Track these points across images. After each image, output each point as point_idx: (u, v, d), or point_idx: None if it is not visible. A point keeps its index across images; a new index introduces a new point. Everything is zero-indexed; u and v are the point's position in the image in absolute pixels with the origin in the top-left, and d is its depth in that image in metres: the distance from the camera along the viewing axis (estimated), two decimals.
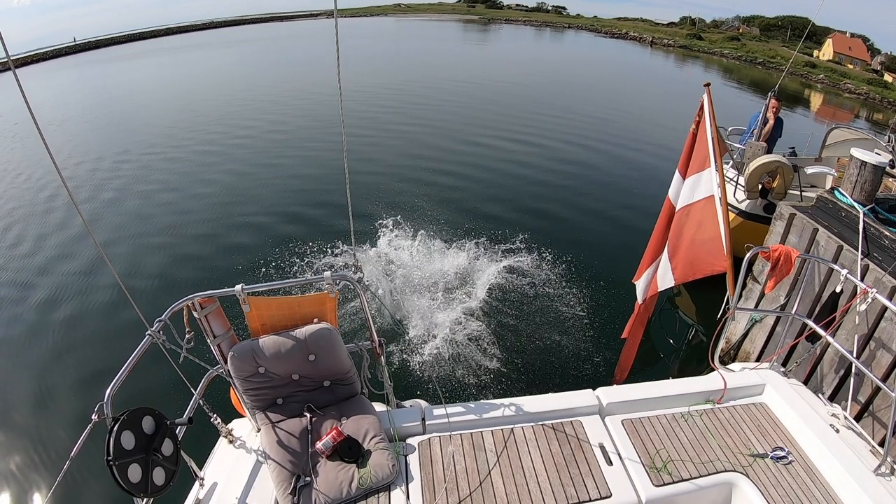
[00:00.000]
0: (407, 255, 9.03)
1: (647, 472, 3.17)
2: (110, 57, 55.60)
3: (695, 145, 5.03)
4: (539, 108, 23.82)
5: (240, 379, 3.22)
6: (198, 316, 3.06)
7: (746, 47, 64.80)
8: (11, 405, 6.84)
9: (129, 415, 2.49)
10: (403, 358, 7.05)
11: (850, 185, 5.57)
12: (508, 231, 10.19)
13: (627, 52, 58.70)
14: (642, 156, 17.14)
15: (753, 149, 8.30)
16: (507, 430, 3.42)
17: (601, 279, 8.88)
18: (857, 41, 65.63)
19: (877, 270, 4.94)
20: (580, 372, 6.96)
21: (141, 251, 10.62)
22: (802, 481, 3.17)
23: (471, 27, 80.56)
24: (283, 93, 26.90)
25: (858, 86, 46.17)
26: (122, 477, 2.34)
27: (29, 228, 12.16)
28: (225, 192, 13.65)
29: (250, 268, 9.36)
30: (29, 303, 9.08)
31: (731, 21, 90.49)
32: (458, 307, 7.92)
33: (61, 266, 10.29)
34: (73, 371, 7.31)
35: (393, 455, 3.14)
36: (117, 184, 14.78)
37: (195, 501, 3.01)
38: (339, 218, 11.08)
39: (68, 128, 22.12)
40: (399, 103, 23.66)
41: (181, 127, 21.09)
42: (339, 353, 3.37)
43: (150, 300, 8.46)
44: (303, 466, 3.07)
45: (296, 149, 17.21)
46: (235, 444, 3.35)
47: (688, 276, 4.96)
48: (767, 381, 3.89)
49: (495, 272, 8.66)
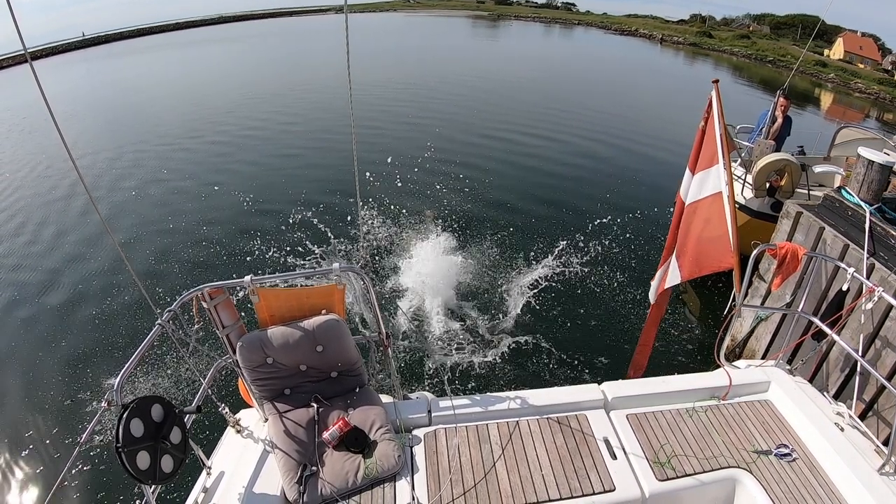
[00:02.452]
0: (414, 247, 9.06)
1: (650, 467, 3.18)
2: (120, 51, 55.80)
3: (703, 142, 5.02)
4: (550, 103, 23.79)
5: (248, 369, 3.26)
6: (207, 306, 3.09)
7: (756, 45, 64.29)
8: (24, 390, 6.96)
9: (138, 403, 2.52)
10: (410, 351, 7.10)
11: (856, 185, 5.55)
12: (517, 225, 10.22)
13: (637, 50, 58.41)
14: (653, 150, 17.17)
15: (761, 147, 8.27)
16: (512, 423, 3.44)
17: (609, 274, 8.91)
18: (867, 40, 65.05)
19: (882, 269, 4.93)
20: (586, 366, 6.98)
21: (152, 242, 10.73)
22: (806, 479, 3.17)
23: (480, 23, 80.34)
24: (294, 86, 26.96)
25: (869, 85, 45.73)
26: (131, 463, 2.37)
27: (43, 221, 12.34)
28: (236, 184, 13.74)
29: (260, 259, 9.45)
30: (43, 292, 9.24)
31: (741, 19, 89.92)
32: (465, 301, 7.95)
33: (74, 257, 10.44)
34: (84, 359, 7.43)
35: (399, 446, 3.17)
36: (129, 177, 14.92)
37: (203, 489, 3.04)
38: (349, 210, 11.13)
39: (79, 122, 22.22)
40: (413, 97, 23.69)
41: (192, 120, 21.23)
42: (346, 344, 3.39)
43: (161, 291, 8.56)
44: (309, 456, 3.10)
45: (307, 142, 17.30)
46: (243, 434, 3.38)
47: (694, 273, 4.95)
48: (772, 378, 3.88)
49: (502, 267, 8.69)
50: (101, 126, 21.79)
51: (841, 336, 4.38)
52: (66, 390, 6.86)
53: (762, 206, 8.20)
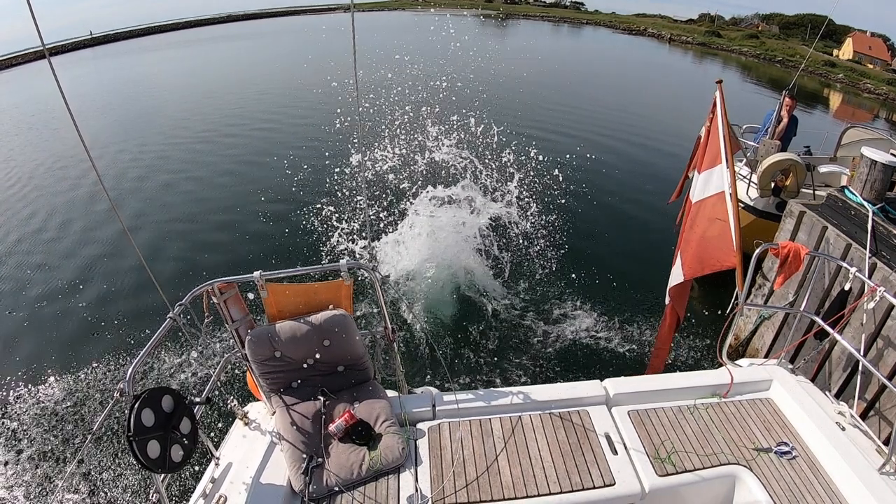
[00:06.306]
0: (420, 243, 9.05)
1: (651, 463, 3.21)
2: (128, 49, 55.88)
3: (708, 142, 5.06)
4: (562, 99, 23.78)
5: (256, 363, 3.32)
6: (217, 301, 3.16)
7: (765, 45, 63.85)
8: (38, 380, 7.07)
9: (149, 393, 2.58)
10: (416, 346, 7.15)
11: (860, 184, 5.56)
12: (523, 221, 10.21)
13: (645, 49, 58.11)
14: (662, 145, 17.18)
15: (767, 147, 8.27)
16: (514, 418, 3.48)
17: (613, 271, 8.94)
18: (877, 41, 64.52)
19: (885, 269, 4.95)
20: (588, 363, 7.02)
21: (164, 237, 10.88)
22: (806, 477, 3.19)
23: (488, 23, 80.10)
24: (303, 86, 26.93)
25: (878, 86, 45.33)
26: (142, 452, 2.42)
27: (55, 215, 12.53)
28: (245, 180, 13.87)
29: (268, 255, 9.55)
30: (57, 284, 9.41)
31: (750, 18, 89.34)
32: (470, 296, 7.99)
33: (87, 250, 10.60)
34: (98, 350, 7.55)
35: (403, 439, 3.22)
36: (141, 172, 15.09)
37: (211, 479, 3.10)
38: (356, 207, 11.16)
39: (89, 118, 22.32)
40: (425, 95, 23.68)
41: (201, 117, 21.36)
42: (352, 338, 3.45)
43: (172, 284, 8.63)
44: (315, 448, 3.16)
45: (316, 139, 17.27)
46: (251, 426, 3.44)
47: (697, 272, 4.98)
48: (774, 377, 3.90)
49: (506, 262, 8.73)
50: (113, 122, 21.92)
51: (843, 335, 4.39)
52: (79, 380, 6.99)
53: (767, 206, 8.20)
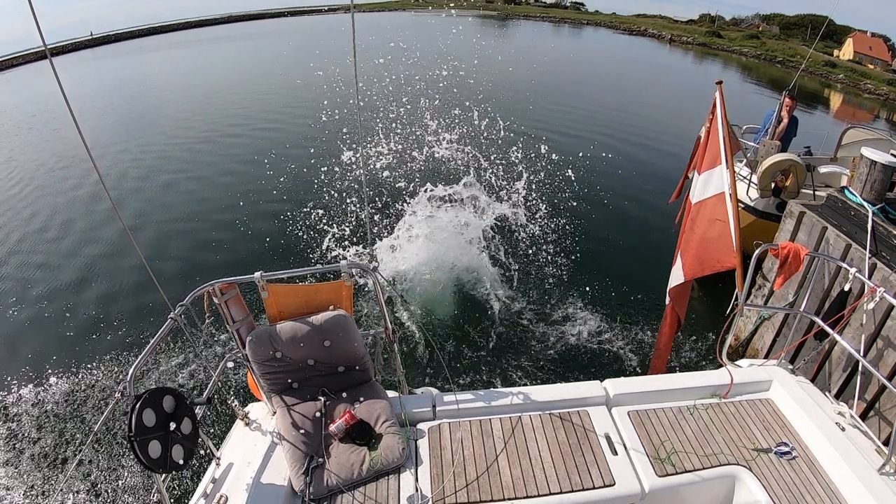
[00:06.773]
0: (421, 244, 9.05)
1: (651, 463, 3.22)
2: (129, 49, 55.82)
3: (708, 142, 5.07)
4: (562, 99, 23.77)
5: (257, 363, 3.32)
6: (218, 301, 3.16)
7: (766, 45, 63.76)
8: (39, 380, 7.08)
9: (150, 393, 2.59)
10: (416, 346, 7.15)
11: (860, 185, 5.57)
12: (524, 222, 10.21)
13: (646, 49, 58.05)
14: (662, 145, 17.18)
15: (767, 147, 8.27)
16: (514, 418, 3.49)
17: (613, 271, 8.96)
18: (877, 41, 64.41)
19: (884, 269, 4.95)
20: (588, 363, 7.03)
21: (165, 237, 10.90)
22: (806, 477, 3.20)
23: (488, 23, 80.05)
24: (304, 86, 26.91)
25: (878, 86, 45.23)
26: (143, 452, 2.43)
27: (57, 215, 12.56)
28: (246, 180, 13.88)
29: (269, 255, 9.57)
30: (58, 284, 9.43)
31: (750, 19, 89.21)
32: (470, 296, 7.99)
33: (88, 250, 10.62)
34: (99, 350, 7.57)
35: (403, 439, 3.22)
36: (142, 172, 15.12)
37: (212, 479, 3.11)
38: (357, 207, 11.16)
39: (90, 119, 22.31)
40: (424, 95, 23.67)
41: (202, 117, 21.38)
42: (353, 339, 3.45)
43: (173, 284, 8.64)
44: (316, 448, 3.16)
45: (317, 139, 17.26)
46: (251, 427, 3.45)
47: (697, 273, 4.98)
48: (774, 377, 3.90)
49: (507, 262, 8.74)
50: (114, 123, 21.92)
51: (843, 336, 4.39)
52: (80, 380, 7.00)
53: (767, 207, 8.20)
